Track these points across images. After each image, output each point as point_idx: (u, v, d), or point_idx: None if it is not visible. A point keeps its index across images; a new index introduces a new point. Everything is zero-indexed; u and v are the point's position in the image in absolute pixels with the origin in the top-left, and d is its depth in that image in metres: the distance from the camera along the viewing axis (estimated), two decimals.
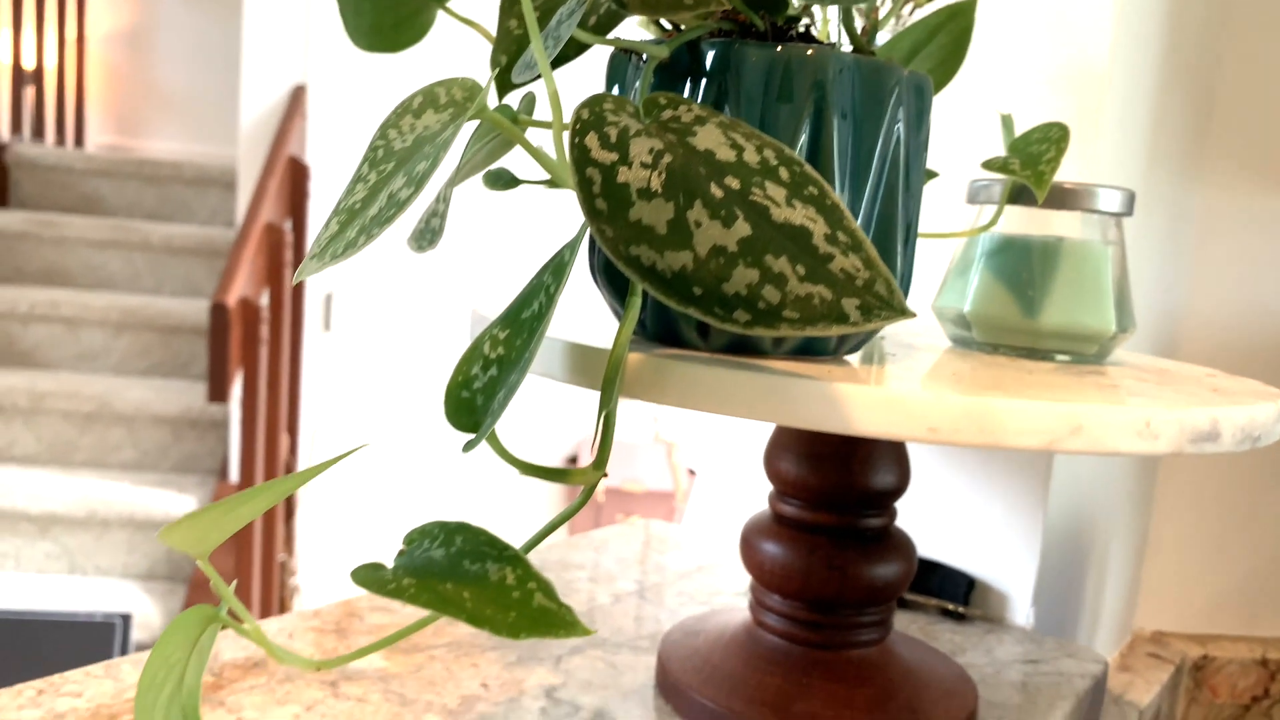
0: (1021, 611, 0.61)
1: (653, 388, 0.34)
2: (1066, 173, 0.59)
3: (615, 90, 0.38)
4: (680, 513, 2.34)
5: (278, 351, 2.20)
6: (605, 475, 0.35)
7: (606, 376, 0.34)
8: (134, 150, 3.55)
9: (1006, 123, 0.47)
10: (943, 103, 0.60)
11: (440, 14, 0.42)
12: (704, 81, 0.35)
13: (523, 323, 0.34)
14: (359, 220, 0.27)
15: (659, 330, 0.37)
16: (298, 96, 2.31)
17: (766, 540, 0.47)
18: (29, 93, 3.31)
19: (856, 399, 0.32)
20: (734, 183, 0.28)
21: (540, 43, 0.28)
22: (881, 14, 0.39)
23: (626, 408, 2.40)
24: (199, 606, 0.33)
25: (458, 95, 0.29)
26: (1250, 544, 0.83)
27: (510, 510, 2.51)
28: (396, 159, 0.28)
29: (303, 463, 2.48)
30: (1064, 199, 0.45)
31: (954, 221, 0.60)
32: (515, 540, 0.34)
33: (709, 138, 0.29)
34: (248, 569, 2.16)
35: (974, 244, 0.48)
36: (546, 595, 0.32)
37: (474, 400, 0.35)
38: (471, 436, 0.34)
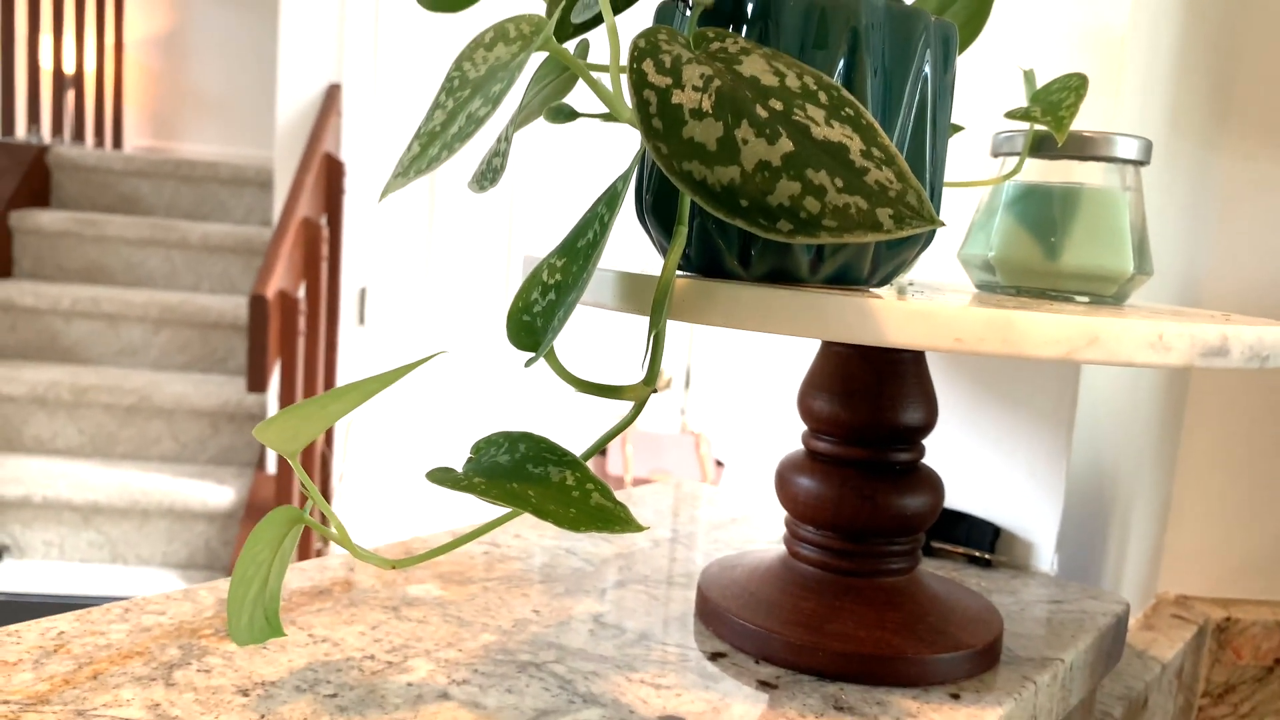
0: (1045, 560, 0.63)
1: (699, 309, 0.37)
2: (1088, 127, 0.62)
3: None
4: None
5: (314, 344, 2.25)
6: (655, 390, 0.38)
7: (656, 299, 0.36)
8: (171, 151, 3.62)
9: (1029, 77, 0.50)
10: (967, 61, 0.62)
11: None
12: (745, 27, 0.38)
13: (578, 250, 0.37)
14: (440, 139, 0.30)
15: (702, 262, 0.40)
16: (332, 95, 2.36)
17: (800, 475, 0.50)
18: (69, 96, 3.39)
19: (888, 311, 0.34)
20: (777, 104, 0.31)
21: None
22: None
23: (655, 401, 2.43)
24: (284, 507, 0.37)
25: (525, 29, 0.32)
26: (1274, 508, 0.84)
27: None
28: (472, 86, 0.31)
29: (338, 454, 2.53)
30: (1083, 146, 0.47)
31: (980, 174, 0.63)
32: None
33: (754, 65, 0.32)
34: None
35: (998, 193, 0.50)
36: (603, 495, 0.35)
37: (534, 323, 0.38)
38: (531, 355, 0.37)
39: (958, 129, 0.50)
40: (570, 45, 0.39)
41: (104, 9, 3.49)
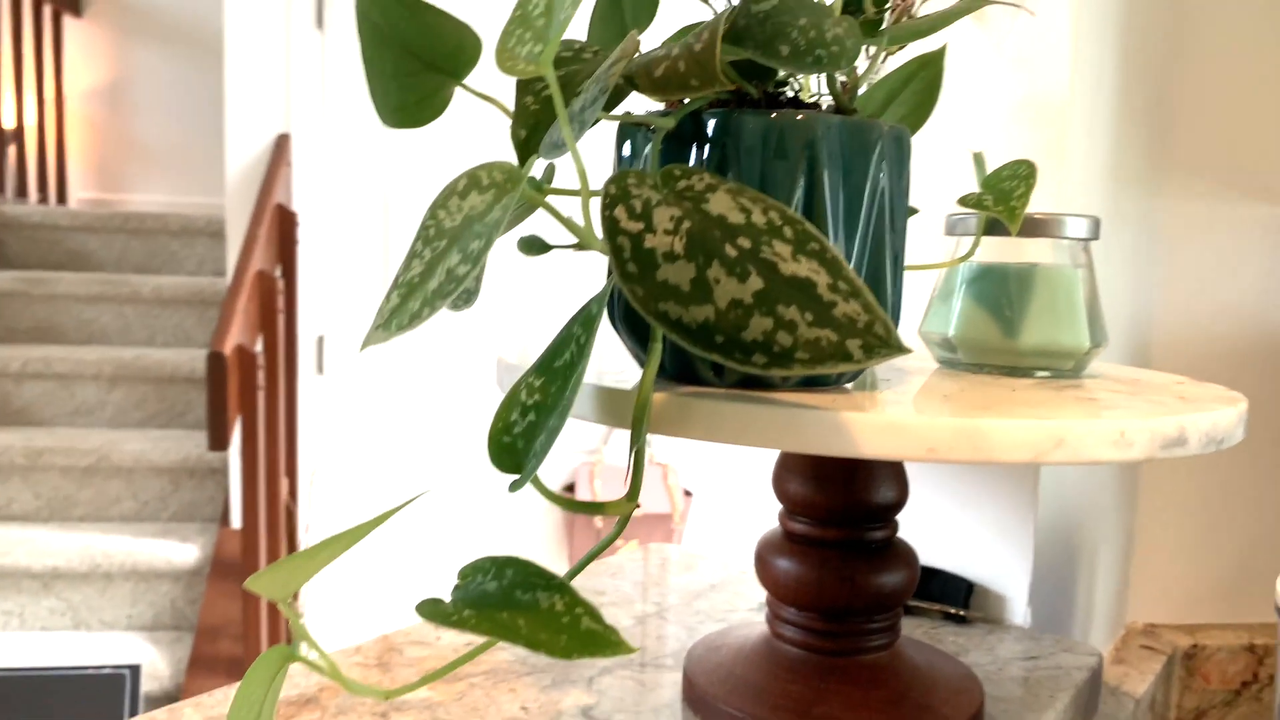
0: (1019, 612, 0.65)
1: (678, 423, 0.38)
2: (1038, 198, 0.63)
3: (626, 151, 0.42)
4: (679, 534, 2.37)
5: (274, 396, 2.23)
6: (639, 506, 0.39)
7: (635, 416, 0.37)
8: (118, 204, 3.58)
9: (978, 160, 0.51)
10: (918, 141, 0.64)
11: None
12: (708, 146, 0.39)
13: (556, 370, 0.38)
14: (420, 293, 0.31)
15: (677, 370, 0.41)
16: (282, 145, 2.35)
17: (780, 557, 0.51)
18: (10, 152, 3.34)
19: (862, 425, 0.35)
20: (745, 242, 0.32)
21: (569, 129, 0.32)
22: (860, 72, 0.43)
23: (620, 433, 2.44)
24: (277, 647, 0.37)
25: (498, 177, 0.33)
26: (1230, 537, 0.87)
27: (509, 538, 2.54)
28: (449, 236, 0.32)
29: (303, 505, 2.50)
30: (1035, 228, 0.49)
31: (934, 252, 0.64)
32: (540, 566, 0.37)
33: (720, 203, 0.33)
34: (255, 610, 2.18)
35: (954, 273, 0.52)
36: (593, 619, 0.36)
37: (515, 444, 0.38)
38: (515, 478, 0.38)
39: (913, 211, 0.51)
40: (539, 166, 0.40)
41: (43, 62, 3.45)
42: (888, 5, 0.43)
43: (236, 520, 2.34)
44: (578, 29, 0.42)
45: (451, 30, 0.44)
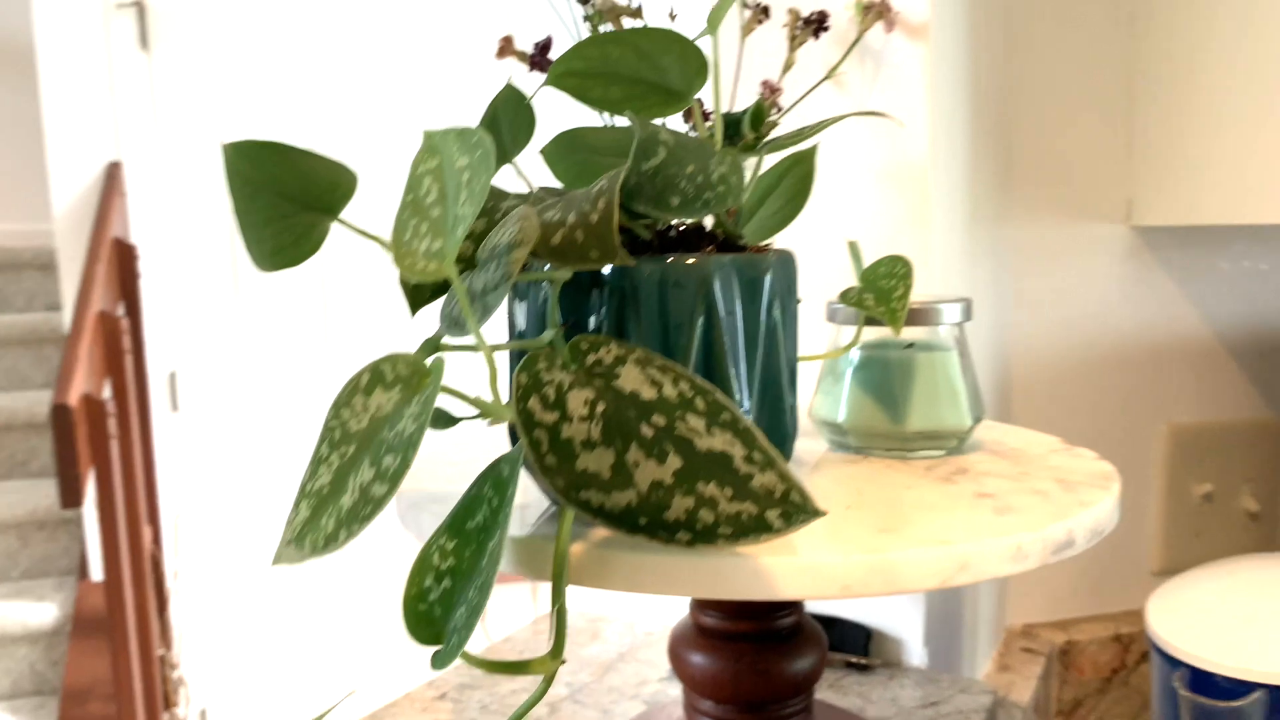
0: (916, 653, 0.67)
1: (599, 576, 0.38)
2: (907, 248, 0.66)
3: (524, 301, 0.42)
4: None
5: (128, 443, 2.11)
6: (564, 662, 0.39)
7: (555, 571, 0.37)
8: None
9: (854, 250, 0.53)
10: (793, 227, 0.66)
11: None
12: (607, 291, 0.39)
13: (469, 533, 0.37)
14: (331, 508, 0.30)
15: None
16: (114, 174, 2.22)
17: (694, 651, 0.52)
18: None
19: (781, 570, 0.36)
20: (660, 420, 0.32)
21: (475, 318, 0.31)
22: (744, 201, 0.43)
23: None
24: None
25: (403, 371, 0.32)
26: None
27: (374, 573, 2.49)
28: (356, 441, 0.31)
29: (169, 552, 2.39)
30: (914, 318, 0.51)
31: (816, 334, 0.66)
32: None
33: (631, 378, 0.33)
34: (126, 667, 2.08)
35: (839, 358, 0.53)
36: None
37: (431, 611, 0.37)
38: (436, 649, 0.37)
39: (797, 301, 0.52)
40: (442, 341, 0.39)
41: None
42: (763, 124, 0.44)
43: (97, 573, 2.22)
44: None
45: (324, 170, 0.43)
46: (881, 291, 0.48)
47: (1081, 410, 0.91)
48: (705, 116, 0.47)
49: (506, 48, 0.57)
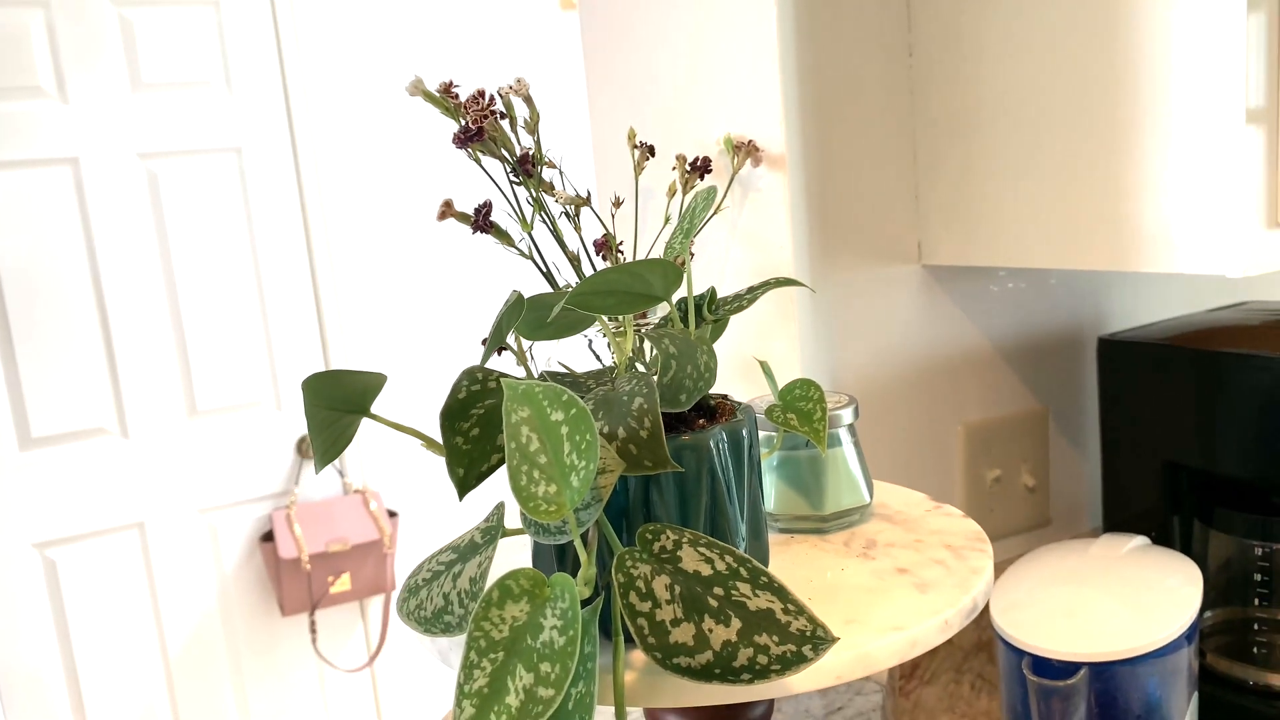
0: None
1: (649, 697, 0.48)
2: (776, 310, 0.79)
3: None
4: (391, 558, 2.41)
5: None
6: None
7: (616, 700, 0.47)
8: None
9: (766, 369, 0.65)
10: None
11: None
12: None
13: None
14: (498, 706, 0.39)
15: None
16: None
17: (670, 713, 0.63)
18: None
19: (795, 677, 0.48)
20: (719, 591, 0.43)
21: (578, 534, 0.41)
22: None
23: (309, 465, 2.41)
24: None
25: (526, 585, 0.41)
26: None
27: (212, 580, 2.43)
28: (504, 648, 0.40)
29: None
30: None
31: None
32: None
33: (689, 558, 0.44)
34: None
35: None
36: None
37: None
38: None
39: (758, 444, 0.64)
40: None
41: None
42: (715, 309, 0.55)
43: None
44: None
45: (360, 380, 0.50)
46: (802, 414, 0.60)
47: (896, 417, 1.08)
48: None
49: (448, 211, 0.64)
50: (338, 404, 0.49)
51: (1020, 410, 1.16)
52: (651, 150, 0.70)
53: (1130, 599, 0.76)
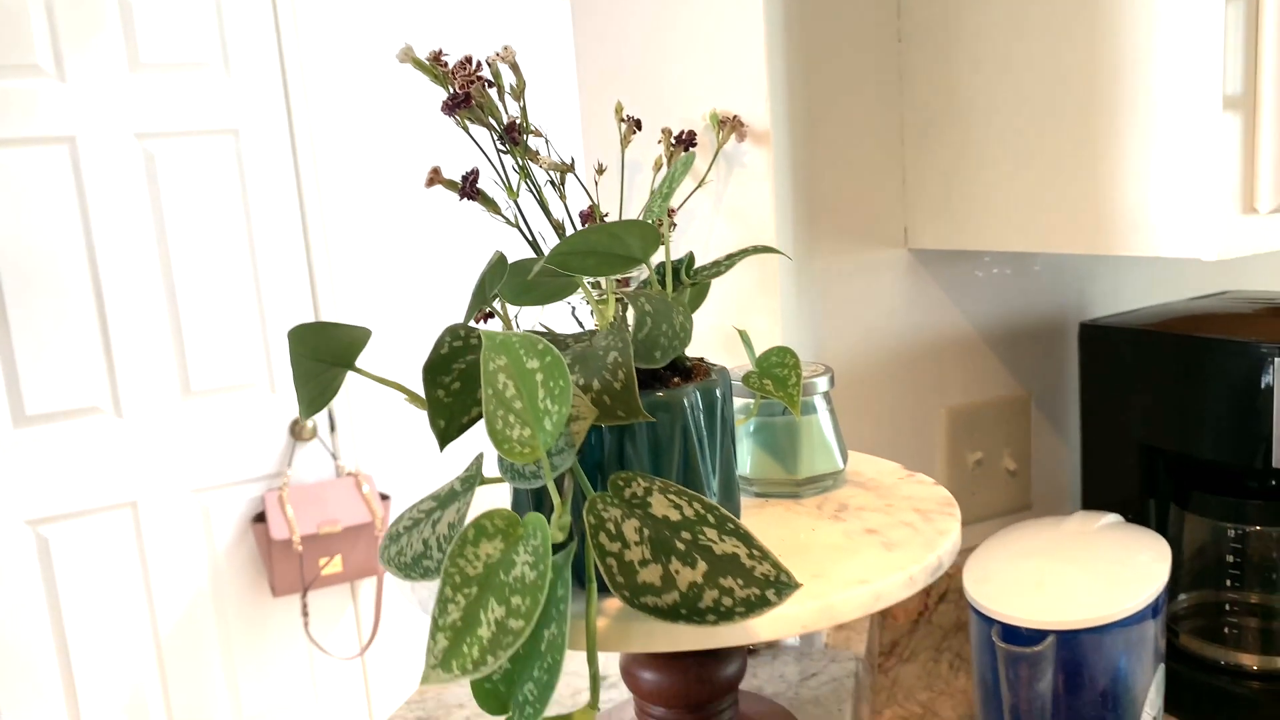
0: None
1: (620, 641, 0.50)
2: (759, 288, 0.80)
3: None
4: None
5: None
6: (598, 710, 0.50)
7: (589, 643, 0.49)
8: None
9: (744, 338, 0.66)
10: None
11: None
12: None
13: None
14: (470, 638, 0.40)
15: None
16: None
17: (645, 670, 0.65)
18: None
19: (757, 621, 0.50)
20: (686, 535, 0.45)
21: (551, 477, 0.42)
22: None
23: (305, 450, 2.42)
24: None
25: (501, 524, 0.42)
26: None
27: (205, 560, 2.44)
28: (478, 583, 0.41)
29: None
30: None
31: None
32: None
33: (659, 504, 0.45)
34: None
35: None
36: None
37: (496, 689, 0.48)
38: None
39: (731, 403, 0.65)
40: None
41: None
42: (692, 273, 0.56)
43: None
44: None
45: (346, 333, 0.51)
46: (778, 379, 0.62)
47: (880, 400, 1.10)
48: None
49: (435, 178, 0.66)
50: (323, 355, 0.51)
51: (1003, 394, 1.18)
52: (638, 124, 0.72)
53: (1100, 572, 0.77)
